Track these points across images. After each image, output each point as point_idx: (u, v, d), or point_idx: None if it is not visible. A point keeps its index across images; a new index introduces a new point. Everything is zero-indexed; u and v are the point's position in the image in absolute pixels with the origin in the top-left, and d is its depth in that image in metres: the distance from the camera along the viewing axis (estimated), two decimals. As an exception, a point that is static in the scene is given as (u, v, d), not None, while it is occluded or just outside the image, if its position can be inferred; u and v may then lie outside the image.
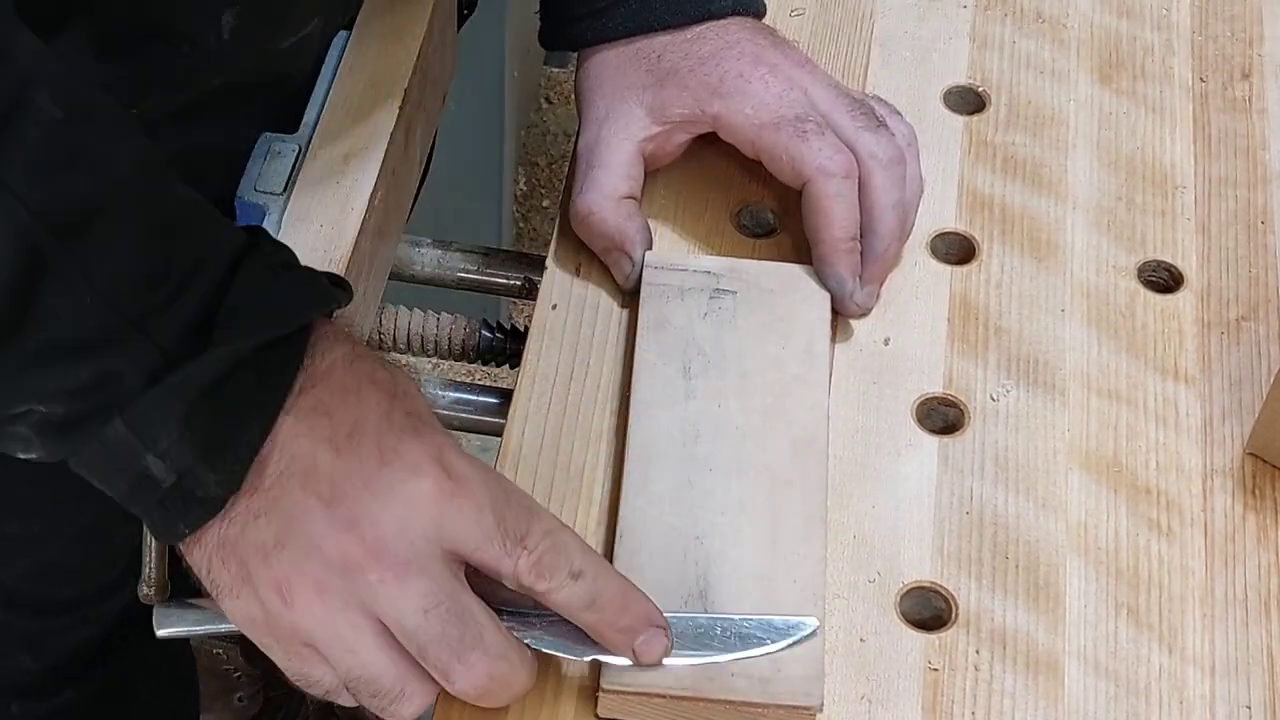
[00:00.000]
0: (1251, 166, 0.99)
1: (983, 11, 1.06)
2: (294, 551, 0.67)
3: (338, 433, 0.67)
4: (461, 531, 0.68)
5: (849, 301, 0.88)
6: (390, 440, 0.68)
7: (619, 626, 0.71)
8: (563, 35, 0.95)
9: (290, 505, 0.67)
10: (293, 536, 0.67)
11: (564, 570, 0.69)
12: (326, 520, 0.67)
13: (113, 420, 0.64)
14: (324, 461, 0.67)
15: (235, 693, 1.50)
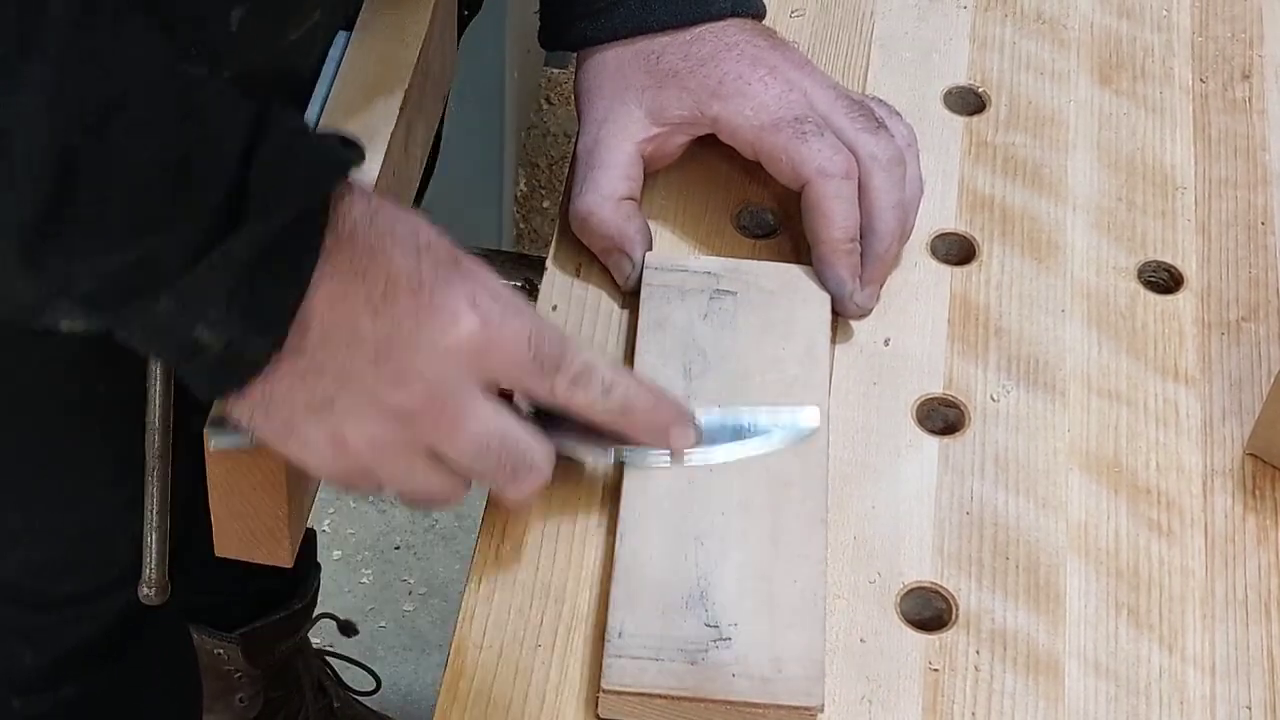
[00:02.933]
0: (1252, 167, 0.99)
1: (983, 12, 1.06)
2: (346, 409, 0.71)
3: (373, 294, 0.70)
4: (502, 368, 0.73)
5: (849, 302, 0.88)
6: (424, 296, 0.71)
7: (650, 425, 0.78)
8: (562, 36, 0.95)
9: (338, 367, 0.70)
10: (344, 394, 0.71)
11: (597, 386, 0.75)
12: (375, 377, 0.71)
13: (160, 296, 0.67)
14: (365, 325, 0.70)
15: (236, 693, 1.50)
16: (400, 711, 1.71)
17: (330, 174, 0.70)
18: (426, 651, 1.82)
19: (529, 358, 0.73)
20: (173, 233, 0.66)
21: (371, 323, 0.70)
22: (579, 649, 0.76)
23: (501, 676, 0.75)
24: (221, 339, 0.69)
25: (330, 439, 0.72)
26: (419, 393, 0.72)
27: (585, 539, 0.80)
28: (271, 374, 0.70)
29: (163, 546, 0.90)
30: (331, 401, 0.71)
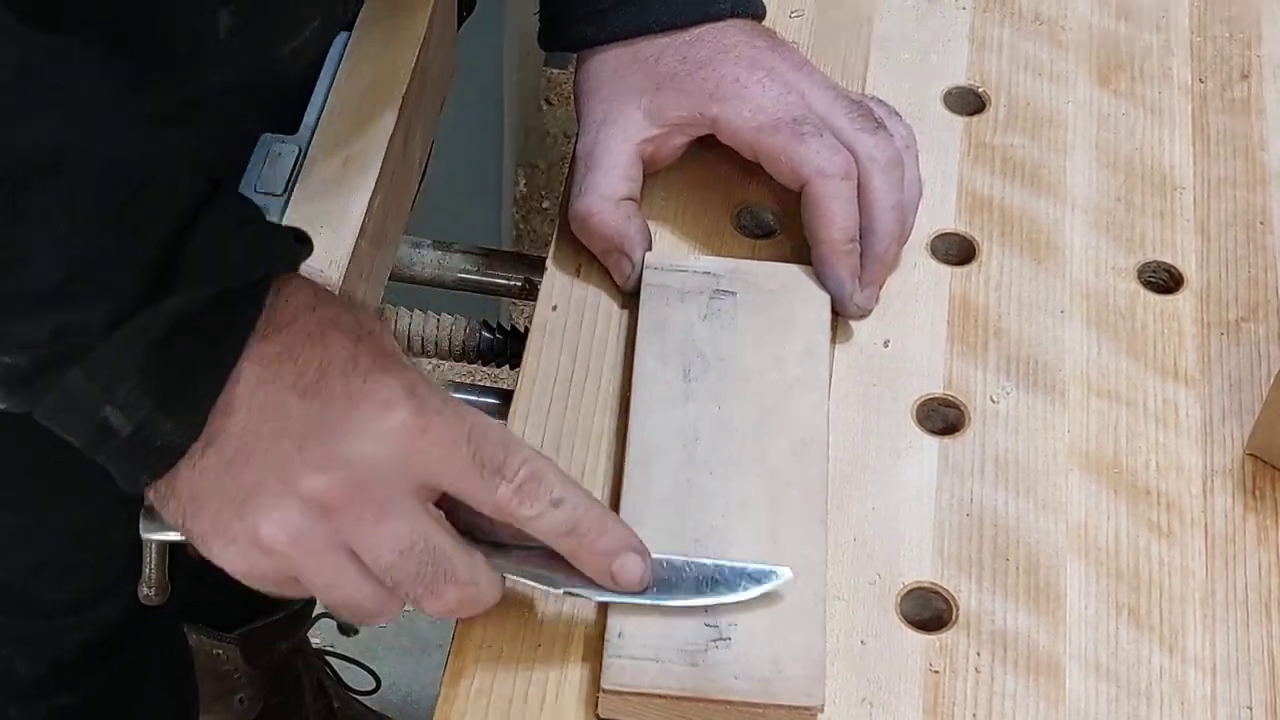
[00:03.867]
0: (1251, 167, 0.99)
1: (982, 13, 1.06)
2: (269, 498, 0.67)
3: (304, 378, 0.67)
4: (436, 464, 0.68)
5: (849, 303, 0.88)
6: (357, 381, 0.67)
7: (597, 550, 0.71)
8: (562, 37, 0.95)
9: (261, 453, 0.67)
10: (265, 484, 0.67)
11: (544, 498, 0.69)
12: (300, 464, 0.67)
13: (72, 369, 0.64)
14: (292, 407, 0.67)
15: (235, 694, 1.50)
16: (400, 711, 1.71)
17: (268, 261, 0.67)
18: (426, 651, 1.82)
19: (467, 455, 0.68)
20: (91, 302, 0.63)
21: (300, 404, 0.67)
22: (579, 649, 0.76)
23: (501, 676, 0.75)
24: (131, 421, 0.65)
25: (252, 535, 0.67)
26: (342, 480, 0.67)
27: (585, 540, 0.80)
28: (197, 467, 0.67)
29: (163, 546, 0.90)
30: (256, 491, 0.67)
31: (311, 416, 0.67)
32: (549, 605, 0.77)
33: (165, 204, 0.65)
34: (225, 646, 1.46)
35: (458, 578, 0.69)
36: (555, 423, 0.84)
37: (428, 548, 0.68)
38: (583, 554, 0.72)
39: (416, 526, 0.68)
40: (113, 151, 0.65)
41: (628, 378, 0.85)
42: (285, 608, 1.46)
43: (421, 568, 0.69)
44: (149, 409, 0.65)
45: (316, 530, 0.68)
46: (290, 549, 0.68)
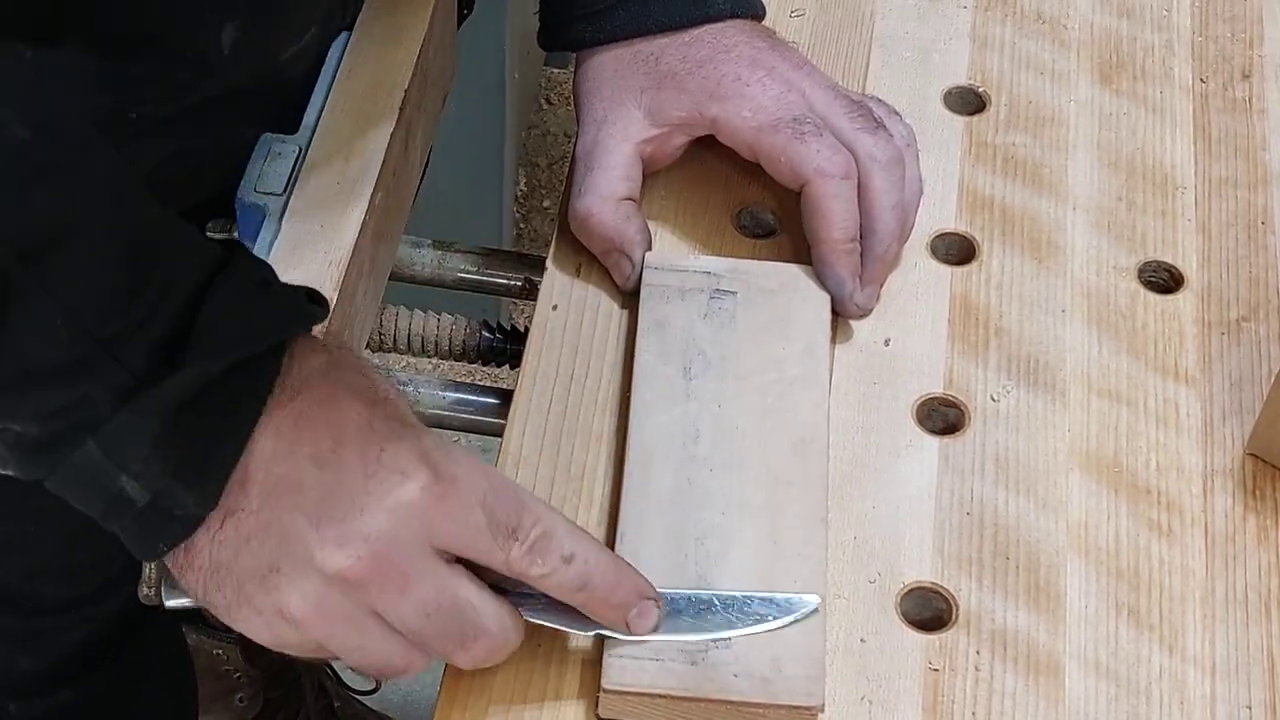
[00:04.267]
0: (1252, 167, 0.99)
1: (983, 12, 1.06)
2: (290, 575, 0.67)
3: (320, 447, 0.67)
4: (452, 532, 0.68)
5: (849, 302, 0.88)
6: (373, 450, 0.67)
7: (611, 604, 0.72)
8: (562, 37, 0.95)
9: (280, 528, 0.67)
10: (286, 560, 0.67)
11: (555, 556, 0.70)
12: (318, 541, 0.66)
13: (85, 442, 0.64)
14: (309, 478, 0.67)
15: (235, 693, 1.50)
16: (400, 711, 1.71)
17: (282, 327, 0.67)
18: (427, 651, 1.81)
19: (482, 521, 0.68)
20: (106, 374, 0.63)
21: (316, 475, 0.66)
22: (579, 648, 0.76)
23: (501, 676, 0.75)
24: (147, 492, 0.65)
25: (278, 610, 0.67)
26: (364, 556, 0.67)
27: (585, 539, 0.80)
28: (215, 539, 0.67)
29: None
30: (277, 569, 0.67)
31: (327, 489, 0.67)
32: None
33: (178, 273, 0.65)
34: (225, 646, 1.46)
35: (487, 630, 0.70)
36: (555, 422, 0.84)
37: (454, 607, 0.69)
38: (596, 608, 0.72)
39: (442, 589, 0.68)
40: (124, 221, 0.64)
41: (628, 377, 0.85)
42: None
43: (449, 626, 0.69)
44: (167, 479, 0.65)
45: (342, 602, 0.67)
46: (317, 622, 0.68)
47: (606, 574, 0.71)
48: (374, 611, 0.68)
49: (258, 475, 0.66)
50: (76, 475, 0.65)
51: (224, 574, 0.67)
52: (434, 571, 0.68)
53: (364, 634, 0.68)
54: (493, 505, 0.68)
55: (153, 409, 0.64)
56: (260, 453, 0.66)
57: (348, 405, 0.68)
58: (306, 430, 0.67)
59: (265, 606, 0.67)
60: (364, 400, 0.68)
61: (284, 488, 0.66)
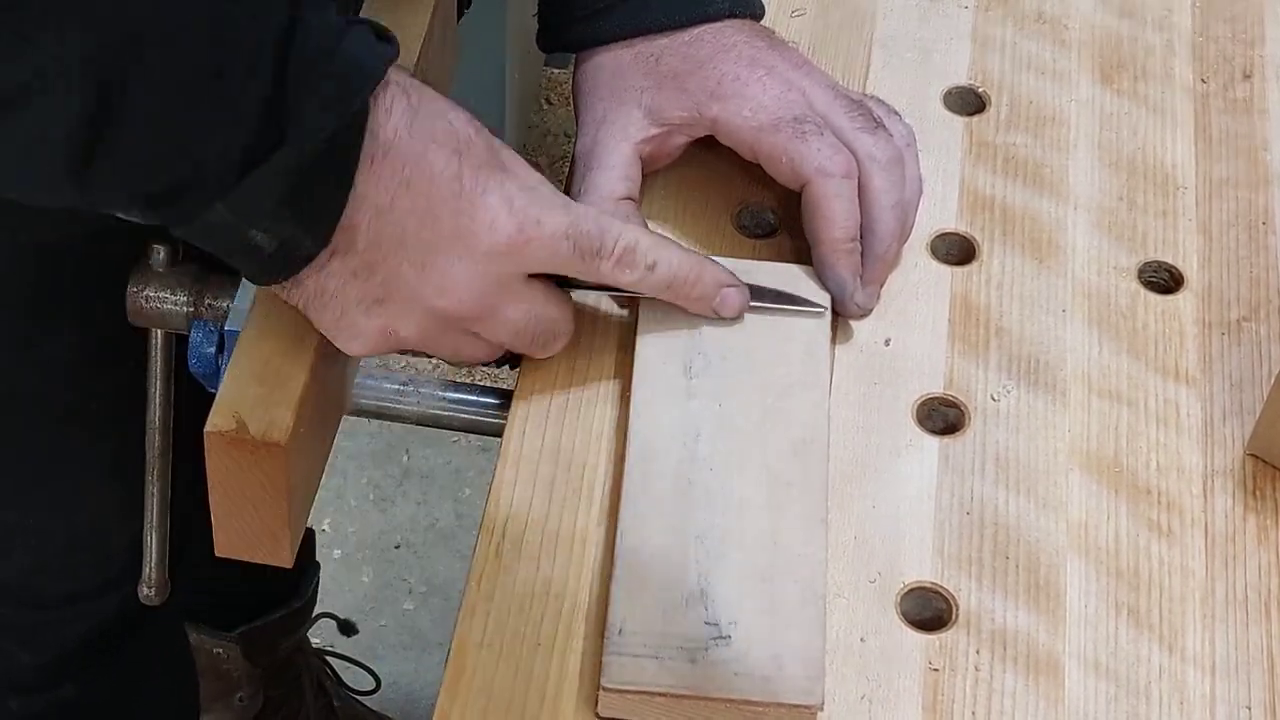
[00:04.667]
0: (1252, 167, 0.99)
1: (983, 12, 1.06)
2: (396, 307, 0.77)
3: (417, 204, 0.75)
4: (542, 263, 0.79)
5: (849, 302, 0.88)
6: (466, 205, 0.76)
7: (695, 295, 0.83)
8: (561, 39, 0.95)
9: (387, 271, 0.76)
10: (393, 296, 0.77)
11: (640, 266, 0.80)
12: (421, 284, 0.77)
13: (214, 204, 0.71)
14: (410, 233, 0.75)
15: (235, 692, 1.50)
16: (400, 711, 1.71)
17: (366, 77, 0.73)
18: (426, 651, 1.82)
19: (569, 250, 0.78)
20: (216, 143, 0.70)
21: (417, 230, 0.75)
22: (579, 647, 0.76)
23: (501, 676, 0.75)
24: (275, 240, 0.73)
25: (382, 331, 0.78)
26: (464, 299, 0.77)
27: (585, 538, 0.80)
28: (324, 269, 0.75)
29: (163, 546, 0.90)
30: (382, 301, 0.77)
31: (428, 243, 0.76)
32: (549, 604, 0.77)
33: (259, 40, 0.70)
34: (226, 645, 1.46)
35: (561, 332, 0.82)
36: (556, 422, 0.84)
37: (539, 322, 0.81)
38: (685, 301, 0.83)
39: (529, 312, 0.80)
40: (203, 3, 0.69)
41: (628, 376, 0.85)
42: (285, 607, 1.46)
43: (536, 335, 0.81)
44: (291, 230, 0.73)
45: (445, 329, 0.79)
46: (419, 340, 0.79)
47: (689, 273, 0.82)
48: (471, 332, 0.80)
49: (363, 223, 0.74)
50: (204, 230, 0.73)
51: (328, 298, 0.77)
52: (522, 293, 0.79)
53: (458, 345, 0.80)
54: (575, 235, 0.78)
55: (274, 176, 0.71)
56: (363, 200, 0.74)
57: (437, 156, 0.75)
58: (402, 186, 0.75)
59: (369, 329, 0.78)
60: (450, 150, 0.76)
61: (388, 237, 0.75)
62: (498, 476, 0.82)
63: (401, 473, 1.97)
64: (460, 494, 1.95)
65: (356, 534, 1.92)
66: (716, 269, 0.84)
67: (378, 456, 1.98)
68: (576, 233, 0.78)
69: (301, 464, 0.80)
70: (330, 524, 1.91)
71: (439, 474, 1.97)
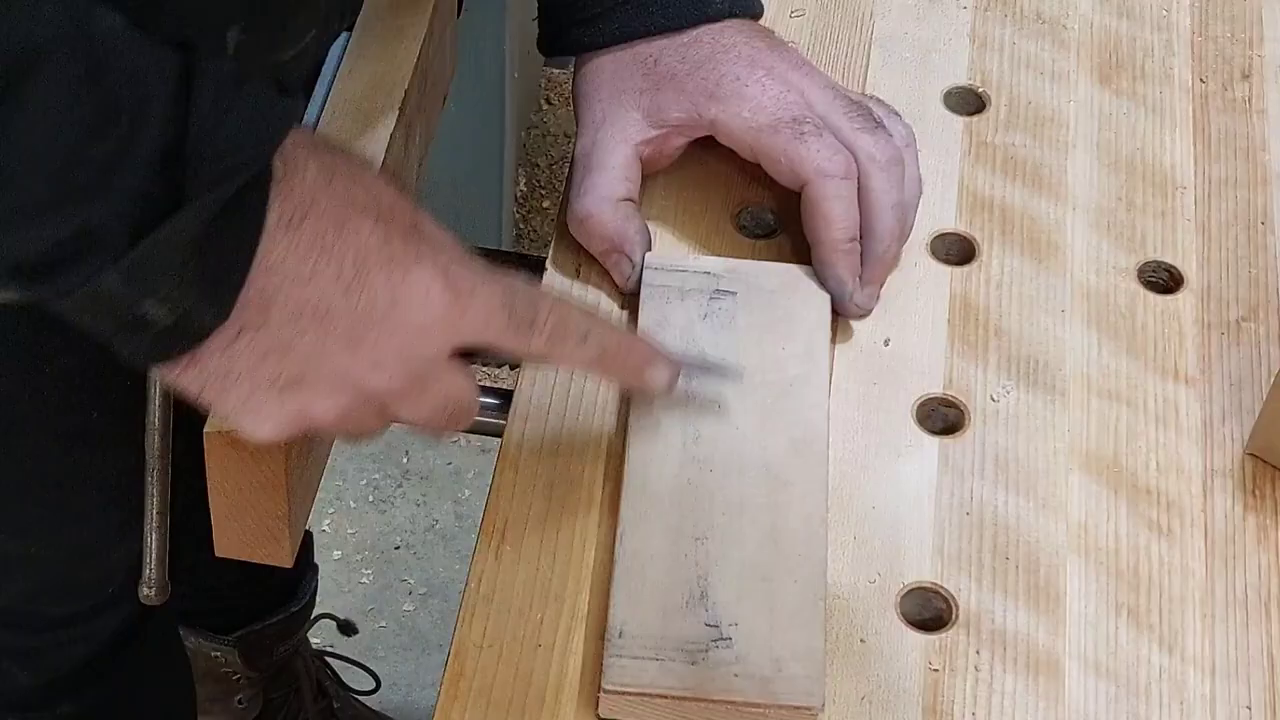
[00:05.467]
0: (1252, 167, 0.99)
1: (983, 12, 1.06)
2: (319, 386, 0.71)
3: (344, 273, 0.69)
4: (475, 334, 0.74)
5: (849, 303, 0.88)
6: (398, 273, 0.70)
7: (626, 368, 0.79)
8: (560, 43, 0.95)
9: (307, 347, 0.70)
10: (315, 373, 0.70)
11: (572, 337, 0.76)
12: (351, 360, 0.71)
13: (105, 270, 0.64)
14: (337, 305, 0.69)
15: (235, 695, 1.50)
16: (400, 711, 1.71)
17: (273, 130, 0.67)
18: (426, 651, 1.82)
19: (504, 320, 0.74)
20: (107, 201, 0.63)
21: (344, 301, 0.69)
22: (579, 649, 0.76)
23: (501, 676, 0.75)
24: (173, 313, 0.67)
25: (299, 413, 0.72)
26: (398, 375, 0.72)
27: (585, 539, 0.80)
28: (230, 349, 0.69)
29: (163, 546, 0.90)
30: (300, 380, 0.70)
31: (358, 315, 0.70)
32: (549, 605, 0.77)
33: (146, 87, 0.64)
34: (224, 649, 1.46)
35: (471, 414, 0.77)
36: (555, 422, 0.84)
37: (458, 403, 0.75)
38: (614, 374, 0.81)
39: (451, 389, 0.74)
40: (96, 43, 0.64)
41: (628, 377, 0.85)
42: (283, 610, 1.46)
43: (451, 418, 0.76)
44: (193, 300, 0.67)
45: (364, 408, 0.73)
46: (334, 423, 0.73)
47: (618, 345, 0.79)
48: (390, 411, 0.74)
49: (279, 298, 0.68)
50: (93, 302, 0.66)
51: (233, 380, 0.70)
52: (451, 376, 0.74)
53: (367, 424, 0.74)
54: (511, 305, 0.74)
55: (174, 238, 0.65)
56: (277, 270, 0.68)
57: (363, 224, 0.70)
58: (324, 255, 0.69)
59: (284, 410, 0.71)
60: (378, 219, 0.70)
61: (310, 311, 0.69)
62: (497, 477, 0.82)
63: (401, 473, 1.97)
64: (460, 495, 1.95)
65: (356, 535, 1.92)
66: (645, 345, 0.81)
67: (377, 457, 1.98)
68: (512, 304, 0.74)
69: (301, 464, 0.80)
70: (330, 525, 1.91)
71: (438, 475, 1.97)
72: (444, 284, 0.71)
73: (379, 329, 0.70)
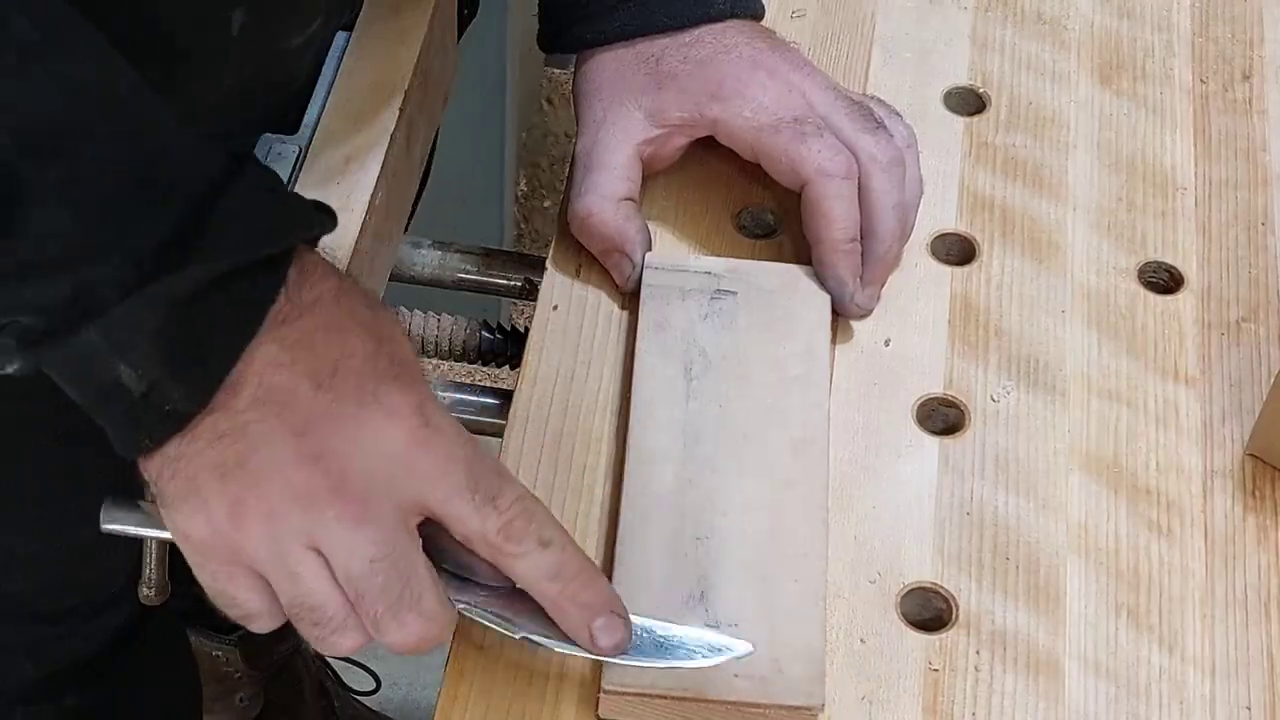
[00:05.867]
0: (1252, 168, 0.99)
1: (983, 13, 1.06)
2: (255, 474, 0.66)
3: (320, 369, 0.66)
4: (431, 481, 0.67)
5: (849, 303, 0.88)
6: (371, 384, 0.67)
7: (580, 601, 0.70)
8: (561, 39, 0.95)
9: (260, 432, 0.66)
10: (256, 459, 0.66)
11: (534, 536, 0.68)
12: (294, 449, 0.66)
13: (87, 328, 0.64)
14: (303, 395, 0.66)
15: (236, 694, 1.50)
16: (400, 711, 1.71)
17: (293, 230, 0.67)
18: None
19: (463, 478, 0.67)
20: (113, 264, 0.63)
21: (311, 394, 0.66)
22: (579, 649, 0.76)
23: (501, 676, 0.75)
24: (143, 382, 0.65)
25: (229, 506, 0.66)
26: (332, 476, 0.66)
27: (585, 539, 0.80)
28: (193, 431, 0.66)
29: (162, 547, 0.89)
30: (243, 463, 0.66)
31: (319, 409, 0.66)
32: (549, 605, 0.77)
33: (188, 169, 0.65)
34: (225, 648, 1.46)
35: (422, 609, 0.67)
36: (555, 423, 0.84)
37: (400, 565, 0.67)
38: (564, 604, 0.70)
39: (393, 539, 0.67)
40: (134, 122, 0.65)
41: (628, 378, 0.85)
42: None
43: (389, 584, 0.67)
44: (162, 372, 0.65)
45: (294, 517, 0.66)
46: (261, 528, 0.66)
47: (581, 570, 0.70)
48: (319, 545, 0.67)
49: (251, 382, 0.66)
50: (76, 362, 0.65)
51: (184, 463, 0.67)
52: (393, 522, 0.67)
53: (303, 564, 0.67)
54: (475, 468, 0.68)
55: (156, 299, 0.64)
56: (259, 362, 0.66)
57: (355, 336, 0.68)
58: (308, 350, 0.66)
59: (214, 501, 0.66)
60: (371, 335, 0.68)
61: (275, 399, 0.66)
62: (498, 477, 0.82)
63: (401, 473, 1.97)
64: (460, 494, 1.95)
65: (357, 535, 1.91)
66: (611, 591, 0.71)
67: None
68: (477, 467, 0.68)
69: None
70: (330, 525, 1.91)
71: (439, 475, 1.97)
72: (416, 412, 0.67)
73: (335, 427, 0.66)
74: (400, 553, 0.67)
